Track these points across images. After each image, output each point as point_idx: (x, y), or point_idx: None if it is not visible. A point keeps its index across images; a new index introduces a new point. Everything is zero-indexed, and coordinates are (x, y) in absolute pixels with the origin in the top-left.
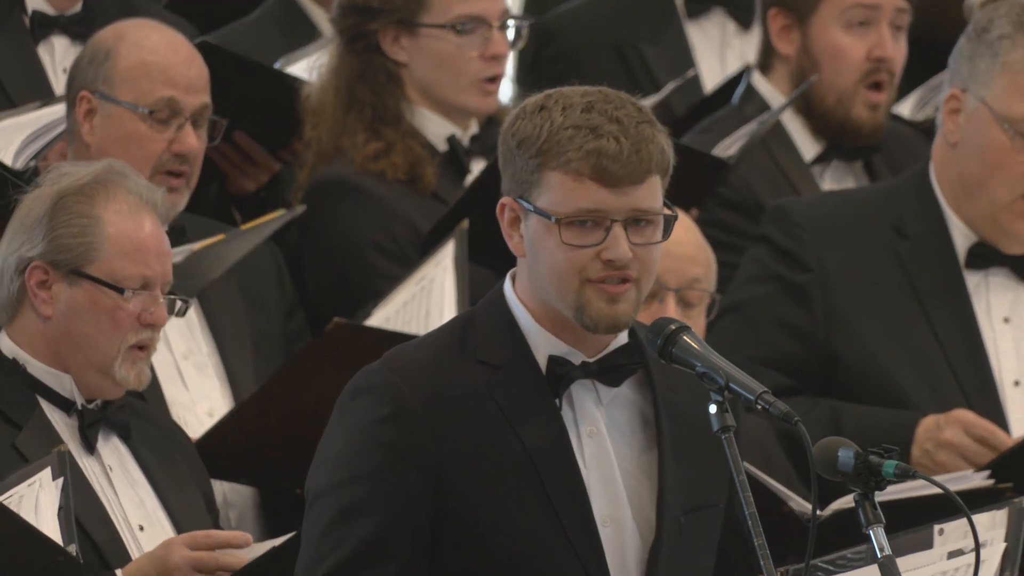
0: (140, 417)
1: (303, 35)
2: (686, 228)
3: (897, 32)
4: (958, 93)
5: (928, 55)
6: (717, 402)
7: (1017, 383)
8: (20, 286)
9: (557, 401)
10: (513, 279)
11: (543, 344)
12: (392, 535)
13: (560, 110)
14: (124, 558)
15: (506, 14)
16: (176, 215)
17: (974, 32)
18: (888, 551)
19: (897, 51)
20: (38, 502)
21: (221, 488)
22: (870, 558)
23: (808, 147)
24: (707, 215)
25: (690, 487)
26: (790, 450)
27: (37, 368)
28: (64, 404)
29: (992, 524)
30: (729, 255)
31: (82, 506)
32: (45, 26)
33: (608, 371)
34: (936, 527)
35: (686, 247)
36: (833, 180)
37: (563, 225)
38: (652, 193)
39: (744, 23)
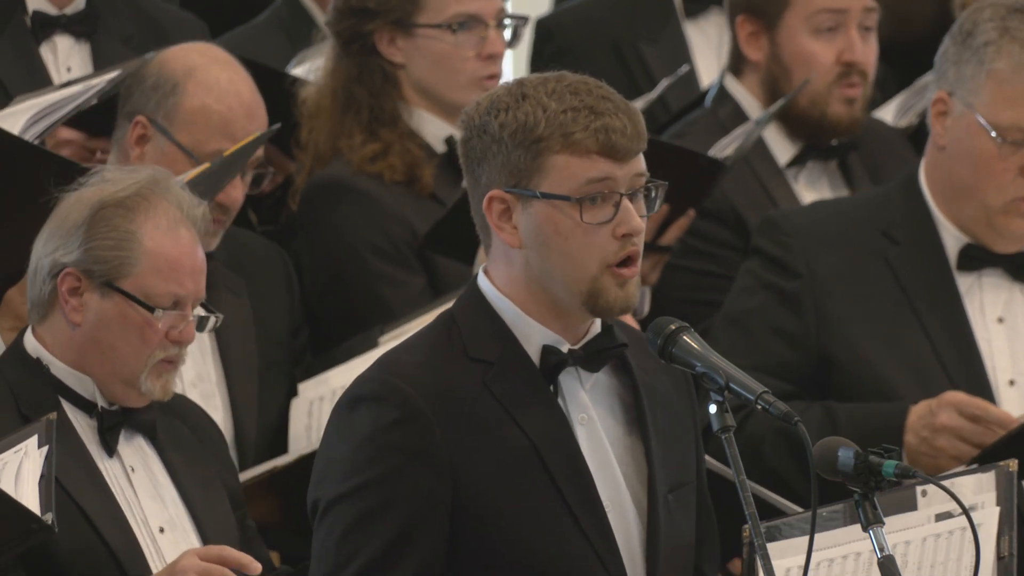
0: (170, 414)
1: (308, 38)
2: None
3: (866, 32)
4: (945, 96)
5: (902, 56)
6: (717, 402)
7: (1012, 383)
8: (52, 289)
9: (552, 389)
10: (487, 273)
11: (533, 334)
12: (414, 536)
13: (547, 96)
14: (140, 561)
15: (502, 13)
16: None
17: (960, 35)
18: (888, 551)
19: (867, 52)
20: (20, 469)
21: None
22: (845, 518)
23: (783, 151)
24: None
25: (670, 466)
26: (786, 450)
27: (60, 369)
28: (86, 406)
29: (979, 487)
30: (707, 264)
31: (98, 509)
32: (47, 26)
33: (594, 357)
34: (918, 488)
35: None
36: (808, 181)
37: (584, 204)
38: (642, 164)
39: None
